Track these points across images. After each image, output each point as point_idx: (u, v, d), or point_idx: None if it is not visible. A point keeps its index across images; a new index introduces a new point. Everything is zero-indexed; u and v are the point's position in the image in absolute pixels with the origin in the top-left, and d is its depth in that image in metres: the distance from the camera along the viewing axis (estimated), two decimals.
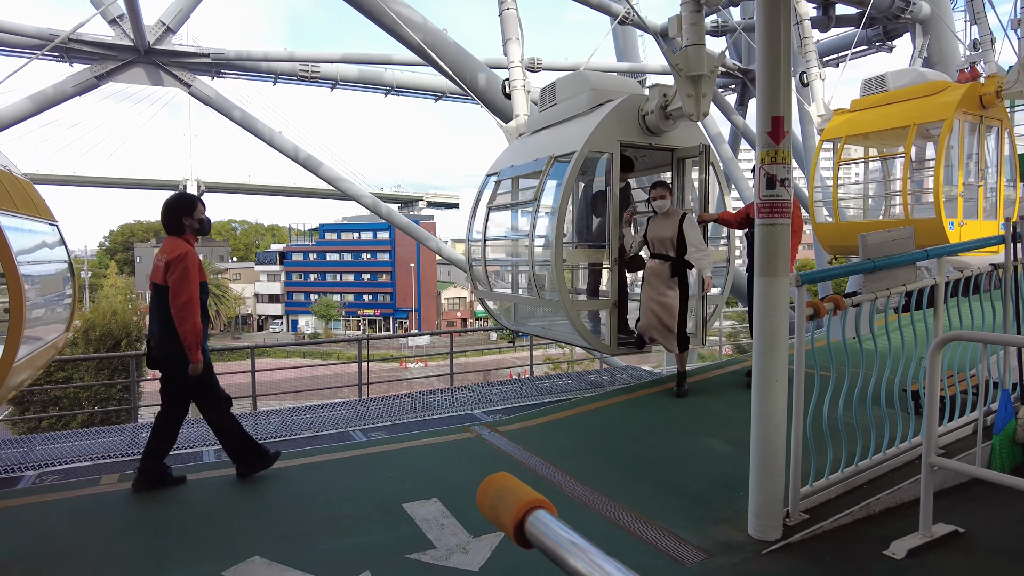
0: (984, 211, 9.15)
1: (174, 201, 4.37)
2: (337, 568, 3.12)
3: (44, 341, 4.85)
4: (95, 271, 73.14)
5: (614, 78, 7.35)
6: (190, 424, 6.97)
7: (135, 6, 15.68)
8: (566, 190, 5.97)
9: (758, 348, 3.19)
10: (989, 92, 8.77)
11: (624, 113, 6.16)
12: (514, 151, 7.76)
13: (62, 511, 3.88)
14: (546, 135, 7.13)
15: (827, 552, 3.05)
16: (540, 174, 6.37)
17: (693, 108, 5.51)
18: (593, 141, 5.98)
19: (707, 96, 5.54)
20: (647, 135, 6.26)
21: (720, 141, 20.25)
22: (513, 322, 7.94)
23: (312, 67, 20.12)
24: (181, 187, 62.12)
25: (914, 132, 8.73)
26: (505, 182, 7.47)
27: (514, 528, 0.92)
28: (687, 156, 6.52)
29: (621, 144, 6.15)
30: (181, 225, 4.29)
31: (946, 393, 3.98)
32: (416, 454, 4.87)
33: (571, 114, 6.75)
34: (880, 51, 18.61)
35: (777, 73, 3.18)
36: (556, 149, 6.39)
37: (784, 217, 3.21)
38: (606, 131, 6.04)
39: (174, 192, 4.72)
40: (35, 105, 17.76)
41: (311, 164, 19.18)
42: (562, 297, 5.99)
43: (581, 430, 5.42)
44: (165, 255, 4.17)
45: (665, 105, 5.96)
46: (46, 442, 6.21)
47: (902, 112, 9.09)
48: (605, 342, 6.33)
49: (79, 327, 23.22)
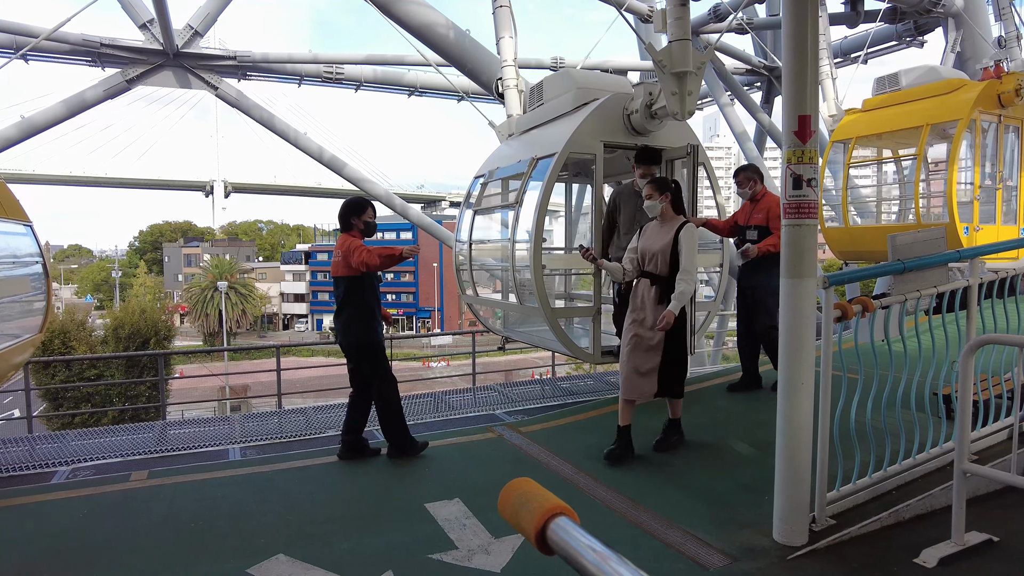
0: (1003, 215, 8.74)
1: (349, 202, 4.91)
2: (360, 567, 3.14)
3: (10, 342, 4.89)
4: (125, 270, 74.75)
5: (602, 76, 7.03)
6: (215, 423, 7.09)
7: (164, 10, 15.98)
8: (546, 193, 5.72)
9: (784, 350, 3.15)
10: (1008, 90, 8.27)
11: (608, 113, 5.90)
12: (501, 152, 7.55)
13: (94, 506, 3.97)
14: (533, 136, 6.90)
15: (855, 559, 3.00)
16: (523, 176, 6.15)
17: (678, 106, 5.22)
18: (575, 142, 5.73)
19: (692, 94, 5.25)
20: (633, 135, 5.96)
21: (745, 139, 20.00)
22: (503, 328, 7.76)
23: (336, 69, 20.31)
24: (209, 187, 63.23)
25: (927, 132, 8.33)
26: (490, 184, 7.28)
27: (536, 535, 0.91)
28: (676, 157, 6.17)
29: (606, 145, 5.88)
30: (350, 223, 4.81)
31: (979, 397, 3.88)
32: (438, 454, 4.88)
33: (557, 114, 6.50)
34: (911, 46, 18.21)
35: (804, 71, 3.12)
36: (538, 150, 6.16)
37: (811, 218, 3.16)
38: (588, 131, 5.79)
39: (353, 195, 5.28)
40: (69, 109, 18.19)
41: (335, 165, 19.38)
42: (542, 304, 5.77)
43: (603, 431, 5.38)
44: (340, 250, 4.73)
45: (651, 104, 5.67)
46: (79, 438, 6.35)
47: (915, 111, 8.67)
48: (588, 350, 6.03)
49: (109, 325, 23.78)
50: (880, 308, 3.46)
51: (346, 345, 4.81)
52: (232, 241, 77.01)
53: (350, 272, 4.70)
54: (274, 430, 6.39)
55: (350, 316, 4.75)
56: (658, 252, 4.50)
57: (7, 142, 18.02)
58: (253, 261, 73.12)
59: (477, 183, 7.55)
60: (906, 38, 17.96)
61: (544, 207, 5.79)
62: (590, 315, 6.10)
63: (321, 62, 20.20)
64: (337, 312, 4.86)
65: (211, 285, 54.96)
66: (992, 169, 8.72)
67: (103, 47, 17.96)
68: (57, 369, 20.43)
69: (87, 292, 75.16)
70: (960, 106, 8.18)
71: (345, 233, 4.81)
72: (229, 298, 54.41)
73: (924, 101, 8.69)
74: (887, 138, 9.47)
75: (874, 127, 9.21)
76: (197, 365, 42.35)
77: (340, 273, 4.75)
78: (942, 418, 3.74)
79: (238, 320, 56.94)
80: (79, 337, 21.98)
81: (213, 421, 7.23)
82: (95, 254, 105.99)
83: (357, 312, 4.76)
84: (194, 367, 40.91)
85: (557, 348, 6.41)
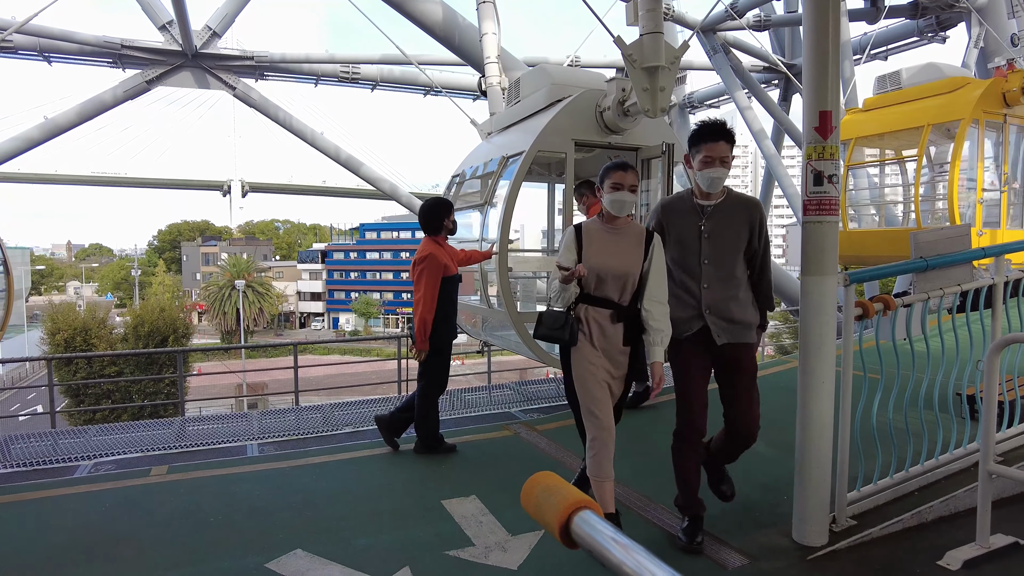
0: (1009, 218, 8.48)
1: (435, 204, 4.88)
2: (377, 563, 3.16)
3: None
4: (144, 269, 75.73)
5: (577, 72, 6.72)
6: (233, 419, 7.16)
7: (183, 12, 16.16)
8: (512, 194, 5.52)
9: (804, 349, 3.11)
10: (1013, 89, 7.96)
11: (580, 110, 5.63)
12: (478, 151, 7.37)
13: (116, 499, 4.03)
14: (508, 134, 6.72)
15: (876, 560, 2.96)
16: (492, 176, 5.98)
17: (649, 103, 4.94)
18: (543, 141, 5.50)
19: (665, 90, 4.95)
20: (606, 133, 5.69)
21: (763, 137, 19.83)
22: (481, 331, 7.51)
23: (352, 68, 20.42)
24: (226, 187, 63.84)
25: (928, 133, 8.04)
26: (466, 183, 7.08)
27: (559, 528, 0.91)
28: (651, 156, 5.87)
29: (577, 144, 5.65)
30: (440, 225, 4.80)
31: (1004, 398, 3.81)
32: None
33: (532, 111, 6.23)
34: (933, 42, 17.93)
35: (825, 67, 3.09)
36: (509, 149, 5.98)
37: (832, 214, 3.12)
38: (558, 130, 5.54)
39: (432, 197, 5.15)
40: (90, 110, 18.48)
41: (352, 164, 19.50)
42: (507, 307, 5.58)
43: (621, 430, 5.34)
44: (416, 255, 4.73)
45: (623, 100, 5.39)
46: (100, 433, 6.44)
47: (916, 111, 8.39)
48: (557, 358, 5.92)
49: (129, 323, 24.14)
50: (902, 307, 3.41)
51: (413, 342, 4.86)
52: (249, 240, 77.78)
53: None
54: (292, 427, 6.44)
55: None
56: (627, 274, 3.12)
57: (30, 143, 18.35)
58: (270, 260, 73.80)
59: (454, 183, 7.41)
60: (928, 34, 17.68)
61: (510, 208, 5.60)
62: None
63: (338, 62, 20.33)
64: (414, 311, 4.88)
65: (229, 284, 55.56)
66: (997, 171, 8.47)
67: (123, 48, 18.22)
68: (79, 366, 20.77)
69: (107, 290, 76.32)
70: (962, 105, 7.91)
71: (431, 238, 4.77)
72: (247, 296, 54.93)
73: (926, 100, 8.40)
74: (888, 139, 9.16)
75: (874, 127, 8.93)
76: (215, 363, 42.83)
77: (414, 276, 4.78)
78: (966, 419, 3.68)
79: (255, 318, 57.45)
80: (100, 335, 22.34)
81: (231, 417, 7.30)
82: (115, 253, 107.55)
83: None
84: (212, 364, 41.38)
85: (527, 353, 5.99)
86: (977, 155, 8.00)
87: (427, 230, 4.84)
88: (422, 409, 4.88)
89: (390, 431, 4.97)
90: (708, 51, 19.51)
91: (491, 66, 8.20)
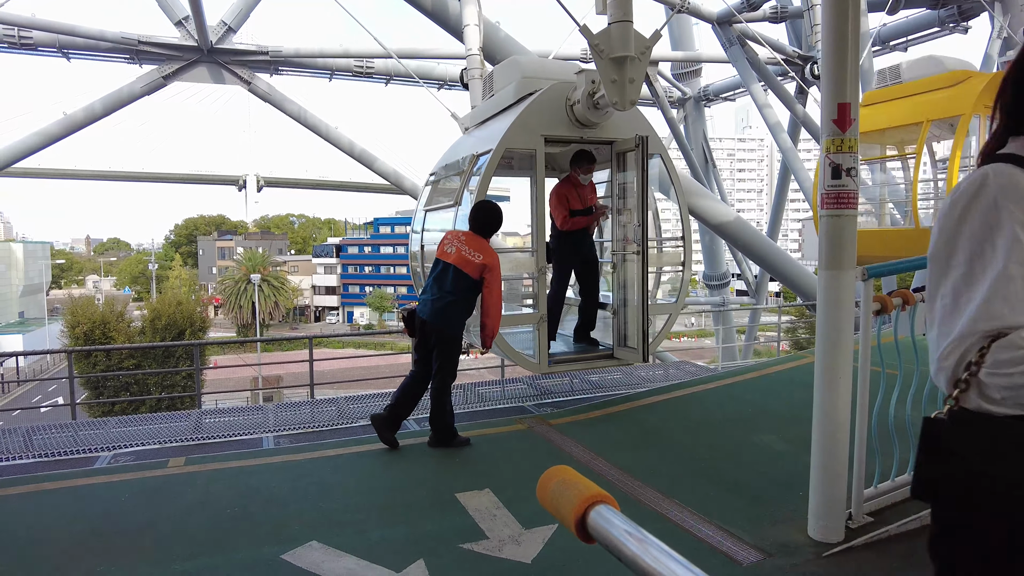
0: None
1: (499, 210, 4.97)
2: (392, 555, 3.18)
3: None
4: (161, 263, 76.59)
5: (548, 64, 6.45)
6: (249, 412, 7.23)
7: (199, 7, 16.27)
8: (480, 192, 5.36)
9: (821, 344, 3.08)
10: None
11: (549, 104, 5.44)
12: (456, 146, 7.19)
13: (134, 490, 4.08)
14: (483, 129, 6.54)
15: (894, 557, 2.93)
16: (463, 175, 5.85)
17: (617, 95, 4.74)
18: (511, 138, 5.32)
19: (635, 82, 4.75)
20: (577, 128, 5.51)
21: (779, 130, 19.61)
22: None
23: (367, 63, 20.45)
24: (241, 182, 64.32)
25: (927, 129, 7.74)
26: (442, 181, 6.96)
27: (575, 522, 0.91)
28: (626, 149, 5.69)
29: (546, 139, 5.47)
30: (493, 232, 4.95)
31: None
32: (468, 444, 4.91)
33: (504, 105, 6.05)
34: (954, 32, 17.62)
35: (844, 58, 3.04)
36: (479, 147, 5.83)
37: (851, 208, 3.09)
38: (526, 125, 5.35)
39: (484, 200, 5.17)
40: (108, 106, 18.68)
41: (366, 159, 19.55)
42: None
43: (633, 425, 5.36)
44: (480, 254, 4.78)
45: (593, 93, 5.19)
46: (119, 425, 6.54)
47: (915, 107, 8.04)
48: (533, 360, 5.59)
49: (146, 317, 24.43)
50: (921, 301, 3.36)
51: (436, 328, 4.87)
52: (264, 235, 78.31)
53: (476, 276, 4.80)
54: (307, 419, 6.49)
55: (455, 306, 4.84)
56: None
57: (50, 138, 18.60)
58: (285, 254, 74.30)
59: (430, 179, 7.32)
60: (949, 24, 17.38)
61: None
62: (534, 322, 5.66)
63: (352, 56, 20.36)
64: (441, 296, 4.87)
65: (244, 278, 56.01)
66: None
67: (141, 44, 18.37)
68: (98, 359, 21.07)
69: (125, 284, 77.25)
70: (963, 100, 7.57)
71: (484, 240, 4.88)
72: (262, 290, 55.38)
73: (925, 95, 8.08)
74: (888, 135, 8.79)
75: (872, 123, 8.54)
76: (231, 356, 43.26)
77: (470, 272, 4.80)
78: None
79: (271, 312, 57.93)
80: (118, 328, 22.63)
81: (247, 410, 7.37)
82: (133, 247, 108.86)
83: (464, 307, 4.87)
84: (227, 358, 41.80)
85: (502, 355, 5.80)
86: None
87: (484, 232, 4.89)
88: (440, 402, 4.89)
89: (390, 428, 4.91)
90: (724, 43, 19.31)
91: (473, 58, 8.10)
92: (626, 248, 5.85)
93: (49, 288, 74.28)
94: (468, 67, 8.17)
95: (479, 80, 7.88)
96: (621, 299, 5.98)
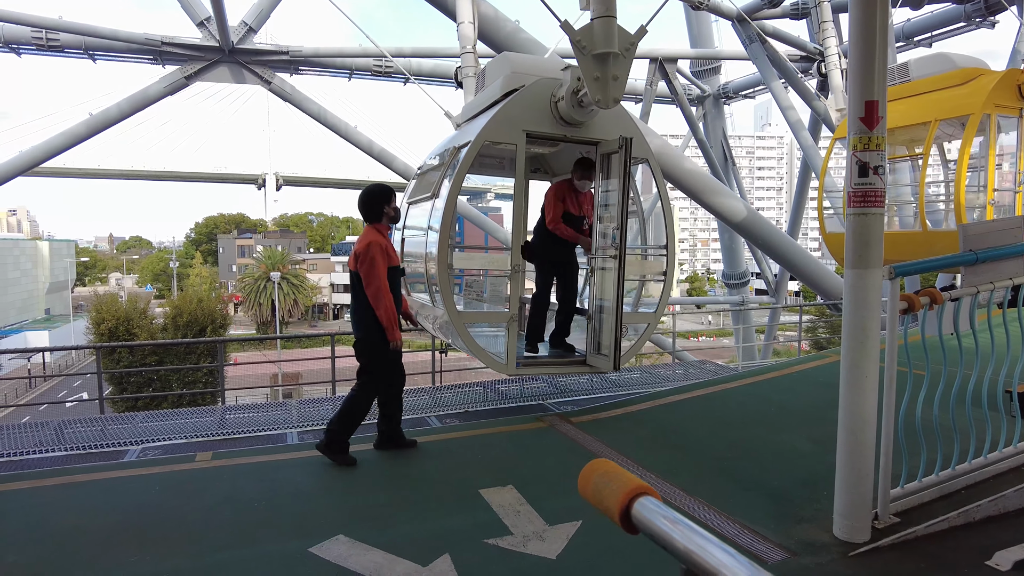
0: None
1: (375, 190, 4.70)
2: (417, 550, 3.21)
3: None
4: (182, 261, 77.64)
5: (537, 60, 6.35)
6: (273, 408, 7.33)
7: (221, 8, 16.47)
8: (455, 186, 5.28)
9: (847, 343, 3.06)
10: None
11: (533, 100, 5.32)
12: (443, 142, 7.09)
13: (164, 484, 4.17)
14: (470, 124, 6.41)
15: (921, 558, 2.91)
16: (442, 167, 5.76)
17: (600, 92, 4.61)
18: (491, 130, 5.22)
19: (619, 79, 4.61)
20: (562, 125, 5.37)
21: (800, 128, 19.41)
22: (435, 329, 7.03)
23: (386, 62, 20.57)
24: (261, 181, 64.99)
25: (935, 129, 7.52)
26: (425, 175, 6.85)
27: (620, 513, 0.93)
28: (611, 151, 5.47)
29: (529, 135, 5.33)
30: (381, 213, 4.64)
31: None
32: (490, 441, 4.94)
33: (490, 101, 5.93)
34: (981, 27, 17.30)
35: (872, 55, 3.02)
36: (459, 139, 5.74)
37: (877, 206, 3.07)
38: (508, 119, 5.24)
39: (371, 183, 4.90)
40: (132, 106, 18.97)
41: (385, 158, 19.68)
42: (446, 305, 5.26)
43: (655, 424, 5.36)
44: (357, 246, 4.54)
45: (578, 90, 5.01)
46: (146, 420, 6.66)
47: (924, 106, 7.83)
48: (500, 361, 5.40)
49: (168, 314, 24.79)
50: (949, 300, 3.33)
51: (357, 339, 4.66)
52: (284, 233, 79.00)
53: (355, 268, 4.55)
54: (329, 415, 6.55)
55: (364, 310, 4.55)
56: None
57: (76, 138, 18.94)
58: (304, 252, 74.90)
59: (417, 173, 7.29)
60: (975, 19, 17.08)
61: (452, 201, 5.33)
62: (504, 321, 5.48)
63: (371, 55, 20.48)
64: (355, 306, 4.64)
65: (264, 275, 56.57)
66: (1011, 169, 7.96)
67: (164, 45, 18.65)
68: (122, 355, 21.42)
69: (147, 282, 78.42)
70: (972, 99, 7.40)
71: (372, 226, 4.61)
72: (281, 288, 55.90)
73: (934, 94, 7.87)
74: (896, 134, 8.57)
75: None
76: (251, 352, 43.74)
77: (353, 267, 4.55)
78: (1016, 417, 3.58)
79: (290, 310, 58.46)
80: (141, 324, 22.99)
81: (271, 406, 7.48)
82: (154, 245, 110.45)
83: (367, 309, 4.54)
84: (248, 355, 42.27)
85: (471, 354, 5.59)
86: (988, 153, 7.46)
87: (368, 218, 4.64)
88: (349, 408, 4.60)
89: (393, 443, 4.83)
90: (744, 40, 19.14)
91: (467, 56, 8.06)
92: (604, 253, 5.65)
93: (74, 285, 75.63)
94: (462, 64, 8.13)
95: (472, 78, 7.84)
96: (597, 305, 5.76)
